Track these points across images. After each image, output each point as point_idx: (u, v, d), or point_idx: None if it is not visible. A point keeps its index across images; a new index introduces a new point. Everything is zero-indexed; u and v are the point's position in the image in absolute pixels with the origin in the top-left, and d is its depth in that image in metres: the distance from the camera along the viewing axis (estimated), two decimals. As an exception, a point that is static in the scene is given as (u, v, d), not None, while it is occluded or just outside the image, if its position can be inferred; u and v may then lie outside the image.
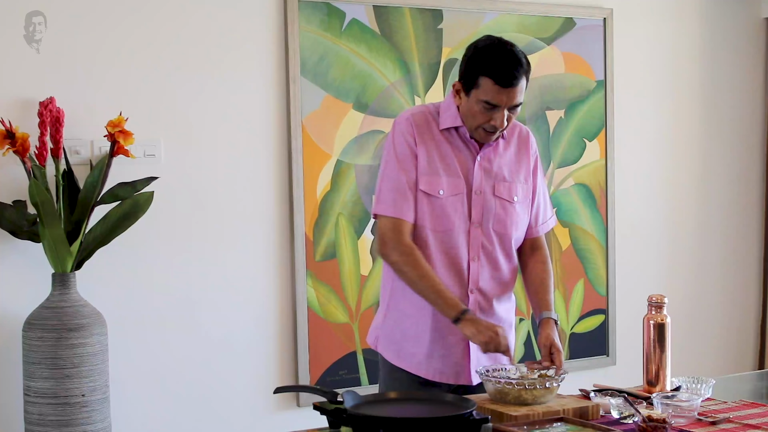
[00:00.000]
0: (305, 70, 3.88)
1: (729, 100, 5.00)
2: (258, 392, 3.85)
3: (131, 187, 3.44)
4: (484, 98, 2.66)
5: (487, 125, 2.71)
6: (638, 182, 4.75)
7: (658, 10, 4.77)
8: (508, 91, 2.65)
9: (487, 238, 2.80)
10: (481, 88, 2.66)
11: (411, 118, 2.80)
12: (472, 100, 2.70)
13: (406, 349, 2.83)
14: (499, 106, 2.67)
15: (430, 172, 2.76)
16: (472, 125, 2.74)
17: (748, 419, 2.47)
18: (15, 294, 3.43)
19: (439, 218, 2.76)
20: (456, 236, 2.77)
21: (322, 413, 2.26)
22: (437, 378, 2.81)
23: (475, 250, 2.79)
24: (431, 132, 2.79)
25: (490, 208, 2.79)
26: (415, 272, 2.72)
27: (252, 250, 3.84)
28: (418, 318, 2.80)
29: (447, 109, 2.80)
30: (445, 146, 2.79)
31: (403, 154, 2.77)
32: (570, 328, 4.52)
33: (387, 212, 2.76)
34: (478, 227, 2.79)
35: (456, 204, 2.76)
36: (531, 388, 2.48)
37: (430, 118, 2.80)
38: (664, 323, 2.72)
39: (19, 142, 3.26)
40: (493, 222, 2.80)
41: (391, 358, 2.86)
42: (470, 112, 2.72)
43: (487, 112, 2.68)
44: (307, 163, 3.90)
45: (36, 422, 3.24)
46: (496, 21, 4.29)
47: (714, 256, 5.00)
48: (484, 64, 2.66)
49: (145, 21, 3.61)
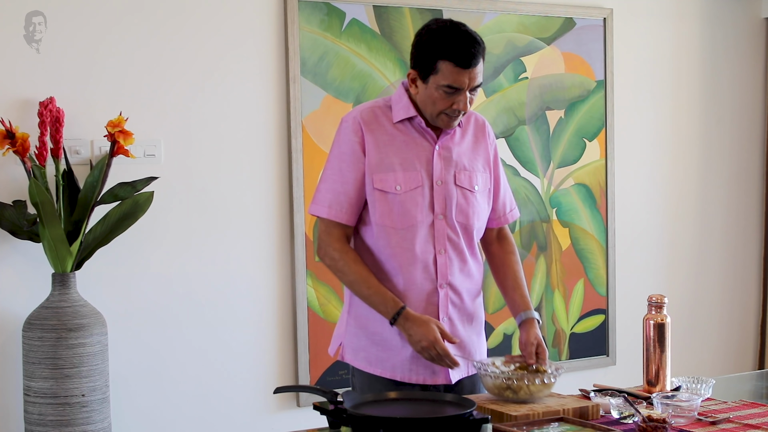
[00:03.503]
0: (305, 70, 3.88)
1: (729, 100, 5.00)
2: (258, 392, 3.85)
3: (131, 187, 3.44)
4: (445, 82, 2.59)
5: (449, 110, 2.63)
6: (638, 182, 4.75)
7: (658, 10, 4.77)
8: (469, 72, 2.58)
9: (452, 230, 2.71)
10: (441, 72, 2.58)
11: (358, 116, 2.70)
12: (431, 87, 2.61)
13: (375, 354, 2.73)
14: (461, 89, 2.59)
15: (383, 169, 2.67)
16: (433, 112, 2.65)
17: (748, 419, 2.47)
18: (15, 294, 3.43)
19: (399, 215, 2.67)
20: (419, 231, 2.68)
21: (322, 413, 2.26)
22: (413, 379, 2.71)
23: (441, 243, 2.70)
24: (382, 127, 2.70)
25: (452, 198, 2.70)
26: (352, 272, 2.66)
27: (252, 250, 3.84)
28: (382, 319, 2.68)
29: (398, 101, 2.71)
30: (399, 139, 2.69)
31: (347, 154, 2.68)
32: (570, 328, 4.52)
33: (321, 213, 2.70)
34: (442, 219, 2.70)
35: (416, 197, 2.67)
36: (529, 383, 2.48)
37: (379, 113, 2.71)
38: (664, 323, 2.72)
39: (19, 142, 3.26)
40: (456, 212, 2.71)
41: (363, 366, 2.75)
42: (430, 99, 2.63)
43: (449, 96, 2.61)
44: (307, 163, 3.90)
45: (36, 422, 3.24)
46: (496, 21, 4.29)
47: (714, 256, 5.00)
48: (441, 48, 2.58)
49: (145, 21, 3.61)
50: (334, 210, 2.68)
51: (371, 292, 2.65)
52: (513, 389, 2.50)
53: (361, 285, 2.66)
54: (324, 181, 2.72)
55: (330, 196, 2.69)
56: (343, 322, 2.82)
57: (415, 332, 2.59)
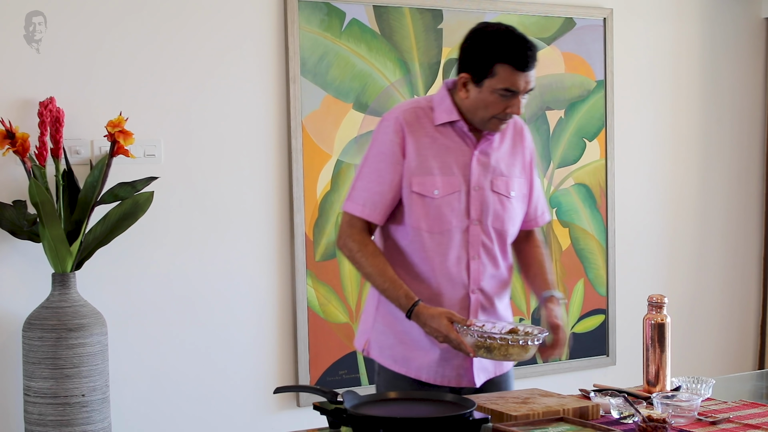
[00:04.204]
0: (305, 70, 3.88)
1: (729, 100, 5.00)
2: (258, 392, 3.85)
3: (131, 187, 3.44)
4: (502, 86, 2.57)
5: (501, 114, 2.61)
6: (638, 182, 4.75)
7: (658, 10, 4.77)
8: (525, 74, 2.57)
9: (487, 236, 2.70)
10: (498, 75, 2.56)
11: (400, 116, 2.67)
12: (485, 90, 2.59)
13: (401, 353, 2.73)
14: (517, 92, 2.58)
15: (422, 172, 2.65)
16: (484, 116, 2.63)
17: (748, 419, 2.47)
18: (15, 294, 3.43)
19: (435, 219, 2.67)
20: (454, 236, 2.68)
21: (322, 413, 2.26)
22: (439, 381, 2.72)
23: (474, 249, 2.70)
24: (423, 129, 2.67)
25: (488, 205, 2.70)
26: (370, 265, 2.66)
27: (252, 250, 3.84)
28: None
29: (441, 102, 2.69)
30: (439, 143, 2.67)
31: (386, 155, 2.66)
32: (570, 328, 4.52)
33: (355, 212, 2.68)
34: (477, 225, 2.69)
35: (452, 203, 2.67)
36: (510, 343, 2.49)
37: (421, 114, 2.69)
38: (664, 323, 2.72)
39: (19, 142, 3.26)
40: (492, 218, 2.71)
41: (389, 364, 2.75)
42: (483, 103, 2.61)
43: (504, 100, 2.59)
44: (307, 163, 3.90)
45: (36, 422, 3.24)
46: (496, 21, 4.28)
47: (714, 256, 5.01)
48: (498, 50, 2.56)
49: (145, 21, 3.61)
50: (368, 209, 2.67)
51: (387, 286, 2.65)
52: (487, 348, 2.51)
53: (377, 277, 2.66)
54: (361, 178, 2.70)
55: (365, 195, 2.68)
56: (369, 318, 2.81)
57: (429, 328, 2.60)
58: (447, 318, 2.57)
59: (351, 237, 2.68)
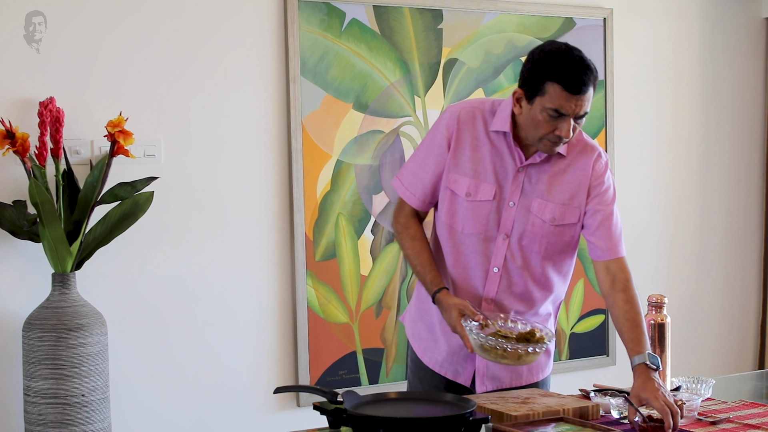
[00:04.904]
0: (305, 70, 3.88)
1: (729, 100, 5.00)
2: (258, 392, 3.85)
3: (131, 187, 3.44)
4: (551, 106, 2.50)
5: (551, 135, 2.55)
6: (638, 182, 4.75)
7: (658, 10, 4.77)
8: (576, 98, 2.49)
9: (513, 252, 2.67)
10: (548, 94, 2.50)
11: (458, 112, 2.69)
12: (535, 109, 2.53)
13: (429, 347, 2.81)
14: (566, 114, 2.51)
15: (459, 171, 2.67)
16: (534, 135, 2.57)
17: (748, 419, 2.47)
18: (15, 294, 3.43)
19: (461, 220, 2.67)
20: (477, 242, 2.67)
21: (322, 413, 2.27)
22: (443, 372, 2.79)
23: (497, 261, 2.68)
24: (475, 131, 2.66)
25: (521, 222, 2.66)
26: (409, 247, 2.74)
27: (252, 250, 3.84)
28: (436, 311, 2.72)
29: (503, 110, 2.65)
30: (486, 148, 2.66)
31: (435, 144, 2.71)
32: (570, 328, 4.52)
33: (398, 189, 2.79)
34: (505, 239, 2.67)
35: (483, 210, 2.65)
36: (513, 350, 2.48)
37: (478, 116, 2.67)
38: (664, 323, 2.73)
39: (19, 142, 3.26)
40: (521, 236, 2.66)
41: (420, 353, 2.84)
42: (533, 122, 2.55)
43: (553, 121, 2.52)
44: (307, 163, 3.90)
45: (36, 422, 3.24)
46: (496, 21, 4.29)
47: (714, 256, 5.00)
48: (551, 69, 2.49)
49: (145, 21, 3.61)
50: (408, 192, 2.77)
51: (420, 269, 2.72)
52: (483, 348, 2.50)
53: (413, 259, 2.74)
54: (412, 159, 2.80)
55: (410, 178, 2.77)
56: (412, 308, 2.92)
57: (444, 315, 2.65)
58: (458, 310, 2.58)
59: (397, 219, 2.81)
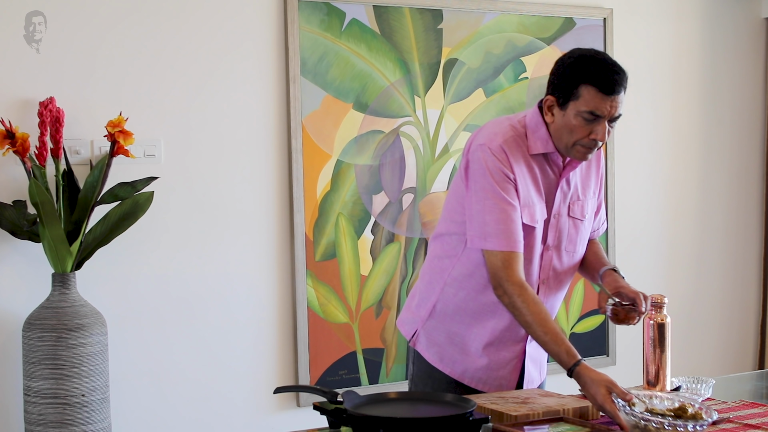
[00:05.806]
0: (305, 70, 3.88)
1: (729, 100, 5.00)
2: (258, 392, 3.85)
3: (131, 187, 3.44)
4: (586, 108, 2.53)
5: (585, 140, 2.58)
6: (638, 182, 4.75)
7: (658, 10, 4.77)
8: (611, 99, 2.53)
9: (559, 260, 2.73)
10: (582, 98, 2.53)
11: (505, 146, 2.61)
12: (569, 114, 2.56)
13: (450, 354, 2.75)
14: (601, 116, 2.54)
15: (528, 203, 2.63)
16: (569, 142, 2.59)
17: (748, 419, 2.47)
18: (15, 294, 3.43)
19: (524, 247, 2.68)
20: (530, 261, 2.68)
21: (322, 413, 2.26)
22: (480, 386, 2.74)
23: (545, 273, 2.71)
24: (523, 157, 2.63)
25: (564, 231, 2.72)
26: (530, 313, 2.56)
27: (252, 250, 3.84)
28: (473, 329, 2.71)
29: (536, 130, 2.65)
30: (534, 172, 2.65)
31: (503, 184, 2.59)
32: (570, 328, 4.52)
33: (500, 247, 2.59)
34: (552, 250, 2.71)
35: (536, 230, 2.67)
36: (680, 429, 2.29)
37: (520, 143, 2.64)
38: (664, 323, 2.72)
39: (19, 142, 3.26)
40: (567, 243, 2.73)
41: (433, 360, 2.76)
42: (567, 127, 2.57)
43: (588, 124, 2.55)
44: (307, 163, 3.90)
45: (36, 422, 3.24)
46: (496, 21, 4.29)
47: (714, 256, 5.00)
48: (584, 72, 2.53)
49: (145, 21, 3.61)
50: (512, 241, 2.60)
51: (548, 339, 2.55)
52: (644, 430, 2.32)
53: (537, 327, 2.56)
54: (490, 212, 2.60)
55: (503, 227, 2.59)
56: (423, 310, 2.78)
57: (587, 391, 2.47)
58: (606, 387, 2.42)
59: (509, 280, 2.59)
